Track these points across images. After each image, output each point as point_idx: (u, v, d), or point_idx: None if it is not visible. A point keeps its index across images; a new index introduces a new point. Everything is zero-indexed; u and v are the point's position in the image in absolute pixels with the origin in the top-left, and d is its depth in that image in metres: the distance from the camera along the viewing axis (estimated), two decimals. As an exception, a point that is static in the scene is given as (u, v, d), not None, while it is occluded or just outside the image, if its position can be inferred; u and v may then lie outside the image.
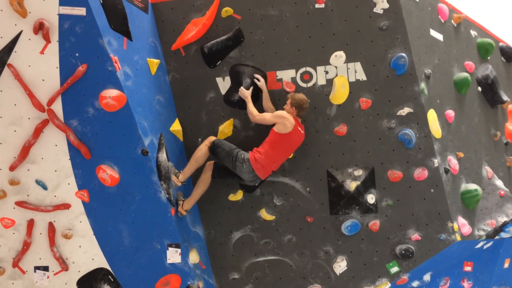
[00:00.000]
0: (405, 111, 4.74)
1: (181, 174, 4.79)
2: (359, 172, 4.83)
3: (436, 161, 4.70)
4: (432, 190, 4.71)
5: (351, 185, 4.81)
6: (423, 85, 4.77)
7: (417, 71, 4.73)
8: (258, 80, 4.92)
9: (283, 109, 4.73)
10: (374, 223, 4.79)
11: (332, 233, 4.90)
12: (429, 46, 5.00)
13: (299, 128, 4.70)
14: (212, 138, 4.85)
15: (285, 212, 5.01)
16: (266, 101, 4.93)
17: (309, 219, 4.95)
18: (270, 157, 4.64)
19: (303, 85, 4.97)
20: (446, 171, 4.81)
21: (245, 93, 4.89)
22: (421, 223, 4.73)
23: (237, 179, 4.87)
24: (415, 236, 4.73)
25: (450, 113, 5.10)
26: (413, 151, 4.74)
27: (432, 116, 4.80)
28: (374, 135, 4.82)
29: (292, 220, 4.99)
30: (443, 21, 5.22)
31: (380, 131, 4.80)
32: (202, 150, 4.79)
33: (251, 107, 4.79)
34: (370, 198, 4.79)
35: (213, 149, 4.78)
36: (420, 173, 4.71)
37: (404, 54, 4.69)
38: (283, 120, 4.57)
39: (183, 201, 4.85)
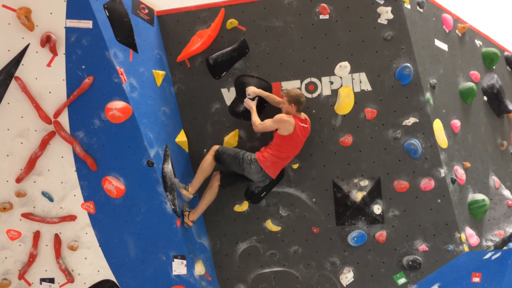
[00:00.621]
0: (410, 121, 4.72)
1: (190, 186, 4.78)
2: (365, 183, 4.80)
3: (443, 171, 4.68)
4: (439, 201, 4.68)
5: (357, 196, 4.79)
6: (428, 95, 4.77)
7: (422, 81, 4.73)
8: (249, 94, 4.93)
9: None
10: (381, 234, 4.75)
11: (339, 244, 4.86)
12: (434, 56, 5.00)
13: (302, 124, 4.69)
14: (216, 147, 4.86)
15: (291, 223, 4.99)
16: (274, 100, 4.94)
17: (315, 230, 4.92)
18: (278, 157, 4.67)
19: (308, 95, 4.97)
20: (453, 181, 4.78)
21: (250, 103, 4.90)
22: (428, 234, 4.69)
23: (246, 183, 4.86)
24: (423, 247, 4.69)
25: (456, 122, 5.09)
26: (419, 161, 4.72)
27: (438, 126, 4.79)
28: (379, 145, 4.80)
29: (298, 231, 4.97)
30: (447, 31, 5.23)
31: (385, 141, 4.79)
32: (208, 160, 4.80)
33: (255, 118, 4.80)
34: (377, 209, 4.76)
35: (219, 157, 4.78)
36: (427, 183, 4.68)
37: (409, 64, 4.69)
38: (284, 124, 4.59)
39: (189, 212, 4.84)
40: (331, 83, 4.93)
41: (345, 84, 4.88)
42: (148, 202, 4.62)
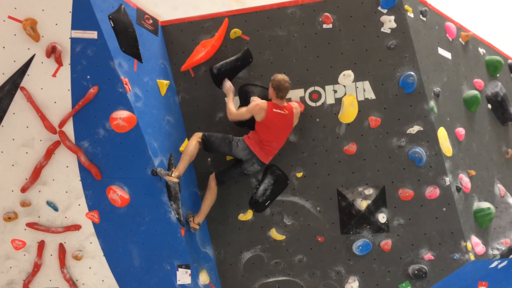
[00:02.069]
0: (414, 129, 4.72)
1: (174, 171, 4.65)
2: (369, 191, 4.79)
3: (448, 180, 4.66)
4: (444, 209, 4.66)
5: (362, 204, 4.77)
6: (432, 103, 4.76)
7: (426, 89, 4.73)
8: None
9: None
10: (386, 243, 4.73)
11: (343, 253, 4.84)
12: (437, 65, 5.00)
13: (277, 110, 4.67)
14: (199, 134, 4.81)
15: (295, 232, 4.97)
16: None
17: (319, 239, 4.90)
18: (261, 141, 4.71)
19: (312, 104, 4.98)
20: (458, 189, 4.75)
21: (228, 86, 4.93)
22: (434, 243, 4.66)
23: (239, 169, 4.86)
24: (428, 255, 4.66)
25: (461, 131, 5.08)
26: (424, 169, 4.70)
27: (442, 134, 4.78)
28: (384, 153, 4.79)
29: (302, 240, 4.95)
30: (451, 40, 5.24)
31: (390, 150, 4.78)
32: (192, 144, 4.73)
33: (230, 105, 4.86)
34: (381, 217, 4.74)
35: (206, 141, 4.75)
36: (432, 192, 4.66)
37: (412, 73, 4.69)
38: (256, 110, 4.66)
39: (193, 216, 4.85)
40: (335, 91, 4.94)
41: (349, 93, 4.89)
42: (152, 211, 4.62)
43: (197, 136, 4.80)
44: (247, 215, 5.08)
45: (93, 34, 4.37)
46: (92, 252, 4.59)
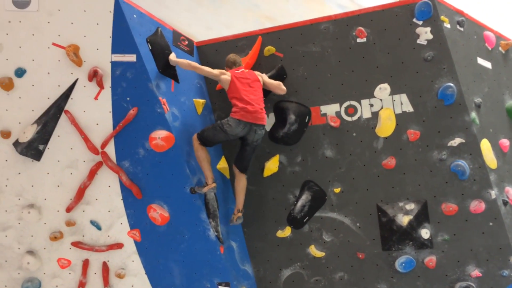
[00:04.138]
0: (456, 141, 4.59)
1: (205, 181, 4.69)
2: (411, 206, 4.67)
3: (493, 193, 4.49)
4: (491, 224, 4.49)
5: (403, 220, 4.65)
6: (473, 114, 4.64)
7: (466, 100, 4.61)
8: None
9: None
10: (430, 259, 4.58)
11: (386, 270, 4.72)
12: (477, 75, 4.88)
13: (239, 71, 4.81)
14: (194, 136, 4.76)
15: (335, 249, 4.89)
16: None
17: (360, 256, 4.81)
18: (243, 106, 4.63)
19: (348, 118, 4.94)
20: (505, 203, 4.57)
21: (172, 58, 4.82)
22: (481, 259, 4.48)
23: (249, 146, 4.82)
24: (475, 272, 4.48)
25: (505, 142, 4.90)
26: (467, 183, 4.56)
27: (485, 146, 4.63)
28: (424, 167, 4.68)
29: (342, 256, 4.86)
30: (490, 49, 5.11)
31: (431, 163, 4.66)
32: (197, 149, 4.70)
33: (192, 63, 4.81)
34: (425, 233, 4.60)
35: (202, 138, 4.71)
36: (477, 206, 4.51)
37: (451, 84, 4.59)
38: (221, 79, 4.75)
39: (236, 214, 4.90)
40: (371, 105, 4.88)
41: (386, 106, 4.83)
42: (192, 229, 4.67)
43: (195, 139, 4.75)
44: (286, 232, 5.04)
45: (132, 58, 4.51)
46: (134, 270, 4.66)
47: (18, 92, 4.44)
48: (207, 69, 4.79)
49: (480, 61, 4.96)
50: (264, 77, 4.94)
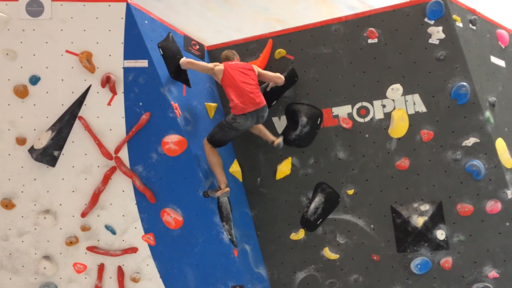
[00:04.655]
0: (470, 141, 4.55)
1: (219, 185, 4.67)
2: (425, 207, 4.63)
3: (510, 193, 4.43)
4: (507, 224, 4.43)
5: (418, 221, 4.61)
6: (488, 113, 4.59)
7: (480, 99, 4.57)
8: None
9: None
10: (446, 261, 4.53)
11: (401, 272, 4.68)
12: (491, 74, 4.83)
13: (233, 63, 4.76)
14: (204, 140, 4.74)
15: (349, 251, 4.87)
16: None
17: (375, 258, 4.77)
18: (239, 97, 4.57)
19: (360, 120, 4.92)
20: (522, 202, 4.52)
21: (184, 62, 4.81)
22: (498, 259, 4.43)
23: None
24: (493, 273, 4.42)
25: (520, 141, 4.84)
26: (483, 182, 4.51)
27: (501, 145, 4.57)
28: (439, 167, 4.64)
29: (357, 258, 4.84)
30: (503, 47, 5.05)
31: (445, 163, 4.62)
32: (209, 153, 4.69)
33: (194, 61, 4.79)
34: (440, 234, 4.55)
35: (213, 141, 4.69)
36: (493, 206, 4.45)
37: (465, 83, 4.55)
38: (214, 71, 4.68)
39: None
40: (383, 106, 4.86)
41: (398, 107, 4.80)
42: (205, 233, 4.68)
43: (205, 144, 4.73)
44: (299, 234, 5.03)
45: (144, 63, 4.55)
46: (149, 274, 4.69)
47: (33, 99, 4.50)
48: (202, 63, 4.80)
49: (494, 59, 4.90)
50: (259, 69, 4.93)
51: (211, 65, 4.76)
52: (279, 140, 4.87)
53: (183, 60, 4.75)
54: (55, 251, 4.61)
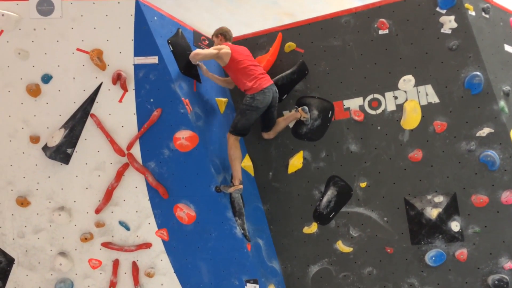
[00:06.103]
0: (485, 131, 4.48)
1: (233, 180, 4.67)
2: (439, 199, 4.58)
3: (525, 183, 4.37)
4: (523, 214, 4.37)
5: (432, 213, 4.57)
6: (502, 103, 4.51)
7: (494, 89, 4.49)
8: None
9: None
10: (461, 252, 4.49)
11: (416, 264, 4.65)
12: (505, 62, 4.74)
13: (235, 46, 4.83)
14: (229, 134, 4.71)
15: (362, 244, 4.85)
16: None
17: (389, 250, 4.75)
18: (253, 78, 4.65)
19: (372, 112, 4.88)
20: (538, 193, 4.45)
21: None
22: (515, 251, 4.38)
23: (272, 107, 4.86)
24: (509, 265, 4.37)
25: (536, 130, 4.76)
26: (498, 173, 4.44)
27: (516, 135, 4.51)
28: (452, 158, 4.58)
29: (371, 251, 4.82)
30: (517, 35, 4.96)
31: (459, 154, 4.57)
32: (232, 146, 4.68)
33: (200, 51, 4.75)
34: (455, 226, 4.51)
35: (236, 130, 4.67)
36: (508, 197, 4.39)
37: (478, 73, 4.48)
38: (220, 54, 4.68)
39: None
40: (395, 98, 4.81)
41: (410, 98, 4.75)
42: (218, 228, 4.69)
43: (230, 137, 4.71)
44: (312, 228, 5.02)
45: (154, 59, 4.56)
46: (163, 269, 4.72)
47: (45, 98, 4.54)
48: (206, 51, 4.73)
49: (508, 48, 4.82)
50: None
51: (214, 50, 4.71)
52: (303, 113, 4.97)
53: (191, 54, 4.74)
54: (70, 248, 4.66)
